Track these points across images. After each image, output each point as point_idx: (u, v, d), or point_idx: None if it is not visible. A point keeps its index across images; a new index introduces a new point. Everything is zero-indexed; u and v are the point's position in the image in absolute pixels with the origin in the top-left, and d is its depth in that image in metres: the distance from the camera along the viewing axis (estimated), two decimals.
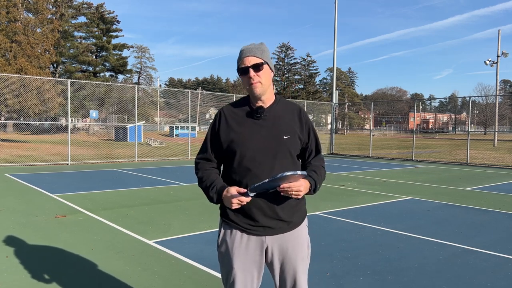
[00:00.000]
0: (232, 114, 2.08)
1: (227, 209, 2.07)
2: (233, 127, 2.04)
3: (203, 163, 2.14)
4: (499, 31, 32.94)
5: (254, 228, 2.03)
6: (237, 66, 2.06)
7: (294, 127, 2.08)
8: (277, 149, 2.02)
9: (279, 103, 2.12)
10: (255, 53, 2.00)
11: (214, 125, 2.12)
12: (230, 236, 2.06)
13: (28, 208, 6.95)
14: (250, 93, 2.05)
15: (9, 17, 31.22)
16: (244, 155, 2.00)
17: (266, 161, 2.00)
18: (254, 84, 2.00)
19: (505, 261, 4.53)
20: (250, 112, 2.06)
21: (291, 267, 2.07)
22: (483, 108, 73.55)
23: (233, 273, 2.03)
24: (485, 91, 79.57)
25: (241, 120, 2.06)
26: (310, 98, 70.95)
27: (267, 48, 2.10)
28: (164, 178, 11.26)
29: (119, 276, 3.92)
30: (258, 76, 2.00)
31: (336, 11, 23.89)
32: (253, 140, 2.01)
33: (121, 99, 39.20)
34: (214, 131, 2.11)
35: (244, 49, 2.04)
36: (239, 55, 2.05)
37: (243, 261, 2.02)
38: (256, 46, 2.04)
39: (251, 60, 1.99)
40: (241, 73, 2.03)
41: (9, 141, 26.17)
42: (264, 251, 2.06)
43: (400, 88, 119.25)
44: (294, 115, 2.12)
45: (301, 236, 2.12)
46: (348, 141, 37.19)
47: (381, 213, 7.02)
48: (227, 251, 2.05)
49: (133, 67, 69.13)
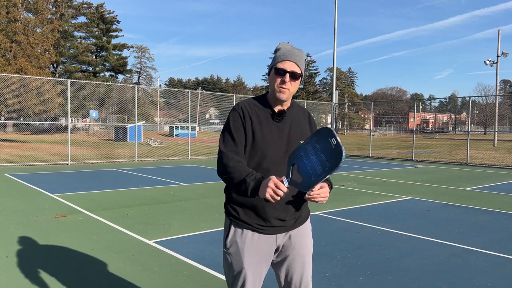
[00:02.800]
0: (254, 113, 2.05)
1: (237, 209, 2.04)
2: (256, 126, 2.02)
3: (232, 155, 1.97)
4: (499, 31, 32.96)
5: (266, 227, 2.03)
6: (273, 62, 2.02)
7: (307, 131, 2.13)
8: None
9: (293, 107, 2.14)
10: (298, 62, 1.99)
11: (239, 118, 2.02)
12: (241, 236, 2.03)
13: (28, 208, 6.95)
14: (274, 95, 2.03)
15: (9, 17, 31.22)
16: (265, 156, 2.01)
17: (283, 163, 2.00)
18: (284, 90, 2.00)
19: (505, 261, 4.53)
20: (272, 115, 2.06)
21: (301, 261, 2.10)
22: (483, 108, 73.57)
23: (243, 273, 2.00)
24: (485, 91, 79.67)
25: (264, 120, 2.04)
26: (310, 98, 70.95)
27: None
28: (164, 178, 11.26)
29: (119, 276, 3.92)
30: (290, 84, 1.99)
31: (336, 11, 23.91)
32: (274, 142, 2.02)
33: (121, 99, 39.24)
34: (241, 125, 2.02)
35: (289, 50, 2.00)
36: (279, 52, 2.01)
37: (253, 261, 2.01)
38: (300, 54, 2.02)
39: (292, 66, 1.98)
40: (276, 72, 2.00)
41: (9, 141, 26.17)
42: (275, 250, 2.08)
43: (400, 88, 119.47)
44: (305, 119, 2.17)
45: (307, 231, 2.17)
46: (348, 141, 37.19)
47: (381, 213, 7.02)
48: (238, 251, 2.02)
49: (133, 67, 69.14)
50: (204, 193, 8.77)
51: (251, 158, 2.03)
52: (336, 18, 23.92)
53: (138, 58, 74.18)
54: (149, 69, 75.58)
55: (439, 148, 31.10)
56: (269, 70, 2.08)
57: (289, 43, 2.07)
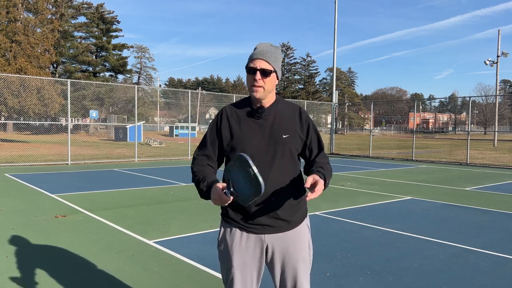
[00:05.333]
0: (233, 113, 2.10)
1: (227, 208, 2.08)
2: (234, 126, 2.07)
3: (201, 159, 2.13)
4: (499, 31, 32.96)
5: (253, 226, 2.03)
6: (247, 62, 2.06)
7: (294, 126, 2.10)
8: (276, 148, 2.04)
9: (279, 103, 2.13)
10: (268, 58, 2.00)
11: (215, 123, 2.13)
12: (230, 234, 2.07)
13: (28, 208, 6.95)
14: (250, 94, 2.07)
15: (9, 17, 31.22)
16: (245, 153, 2.00)
17: (265, 160, 2.02)
18: (256, 88, 2.01)
19: (505, 261, 4.53)
20: (251, 112, 2.08)
21: (292, 267, 2.06)
22: (483, 108, 73.55)
23: (232, 271, 2.03)
24: (485, 91, 79.63)
25: (242, 119, 2.08)
26: (310, 98, 70.95)
27: (281, 54, 2.12)
28: (164, 178, 11.26)
29: (119, 276, 3.92)
30: (262, 81, 2.01)
31: (336, 11, 23.91)
32: (253, 139, 2.03)
33: (121, 99, 39.23)
34: (216, 129, 2.12)
35: (259, 49, 2.03)
36: (252, 52, 2.04)
37: (242, 259, 2.03)
38: (271, 50, 2.03)
39: (261, 64, 2.00)
40: (248, 72, 2.04)
41: (9, 141, 26.16)
42: (265, 250, 2.06)
43: (400, 88, 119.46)
44: (294, 114, 2.13)
45: (302, 235, 2.11)
46: (348, 141, 37.19)
47: (381, 213, 7.02)
48: (227, 249, 2.06)
49: (133, 67, 69.09)
50: None
51: (231, 156, 2.06)
52: (336, 18, 23.93)
53: (138, 58, 74.14)
54: (149, 69, 75.55)
55: (439, 148, 31.10)
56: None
57: (267, 43, 2.07)
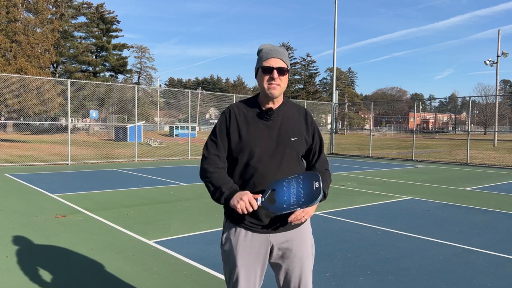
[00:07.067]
0: (241, 113, 2.09)
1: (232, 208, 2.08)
2: (242, 126, 2.06)
3: (213, 158, 2.07)
4: (499, 31, 32.96)
5: (258, 226, 2.05)
6: (259, 63, 2.06)
7: (301, 129, 2.12)
8: (284, 151, 2.05)
9: (287, 105, 2.15)
10: (282, 57, 2.04)
11: (225, 122, 2.09)
12: (235, 234, 2.07)
13: (28, 208, 6.95)
14: (265, 93, 2.05)
15: (9, 17, 31.19)
16: (253, 155, 2.02)
17: (273, 161, 2.03)
18: (274, 86, 2.02)
19: (505, 261, 4.53)
20: (260, 113, 2.08)
21: (297, 265, 2.09)
22: (483, 108, 73.52)
23: (236, 271, 2.03)
24: (485, 91, 79.64)
25: (250, 120, 2.07)
26: (310, 98, 70.93)
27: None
28: (164, 178, 11.26)
29: (119, 276, 3.92)
30: (280, 80, 2.03)
31: (336, 11, 23.90)
32: (262, 141, 2.04)
33: (121, 99, 39.21)
34: (226, 129, 2.09)
35: (271, 49, 2.05)
36: (262, 52, 2.05)
37: (247, 259, 2.03)
38: (283, 50, 2.06)
39: (278, 62, 2.02)
40: (263, 71, 2.03)
41: (9, 141, 26.16)
42: (269, 250, 2.08)
43: (400, 88, 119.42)
44: (300, 117, 2.15)
45: (305, 234, 2.14)
46: (348, 141, 37.19)
47: (381, 213, 7.02)
48: (231, 248, 2.06)
49: (133, 67, 69.06)
50: (204, 193, 8.76)
51: (238, 158, 2.05)
52: (336, 18, 23.92)
53: (138, 58, 74.10)
54: (149, 69, 75.49)
55: (439, 148, 31.09)
56: (255, 71, 2.11)
57: (271, 44, 2.10)
